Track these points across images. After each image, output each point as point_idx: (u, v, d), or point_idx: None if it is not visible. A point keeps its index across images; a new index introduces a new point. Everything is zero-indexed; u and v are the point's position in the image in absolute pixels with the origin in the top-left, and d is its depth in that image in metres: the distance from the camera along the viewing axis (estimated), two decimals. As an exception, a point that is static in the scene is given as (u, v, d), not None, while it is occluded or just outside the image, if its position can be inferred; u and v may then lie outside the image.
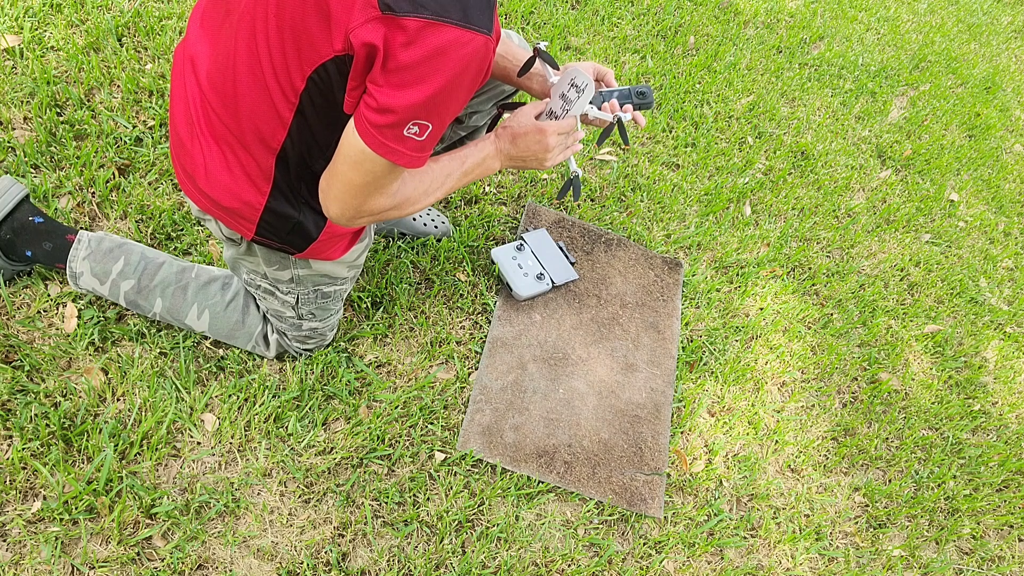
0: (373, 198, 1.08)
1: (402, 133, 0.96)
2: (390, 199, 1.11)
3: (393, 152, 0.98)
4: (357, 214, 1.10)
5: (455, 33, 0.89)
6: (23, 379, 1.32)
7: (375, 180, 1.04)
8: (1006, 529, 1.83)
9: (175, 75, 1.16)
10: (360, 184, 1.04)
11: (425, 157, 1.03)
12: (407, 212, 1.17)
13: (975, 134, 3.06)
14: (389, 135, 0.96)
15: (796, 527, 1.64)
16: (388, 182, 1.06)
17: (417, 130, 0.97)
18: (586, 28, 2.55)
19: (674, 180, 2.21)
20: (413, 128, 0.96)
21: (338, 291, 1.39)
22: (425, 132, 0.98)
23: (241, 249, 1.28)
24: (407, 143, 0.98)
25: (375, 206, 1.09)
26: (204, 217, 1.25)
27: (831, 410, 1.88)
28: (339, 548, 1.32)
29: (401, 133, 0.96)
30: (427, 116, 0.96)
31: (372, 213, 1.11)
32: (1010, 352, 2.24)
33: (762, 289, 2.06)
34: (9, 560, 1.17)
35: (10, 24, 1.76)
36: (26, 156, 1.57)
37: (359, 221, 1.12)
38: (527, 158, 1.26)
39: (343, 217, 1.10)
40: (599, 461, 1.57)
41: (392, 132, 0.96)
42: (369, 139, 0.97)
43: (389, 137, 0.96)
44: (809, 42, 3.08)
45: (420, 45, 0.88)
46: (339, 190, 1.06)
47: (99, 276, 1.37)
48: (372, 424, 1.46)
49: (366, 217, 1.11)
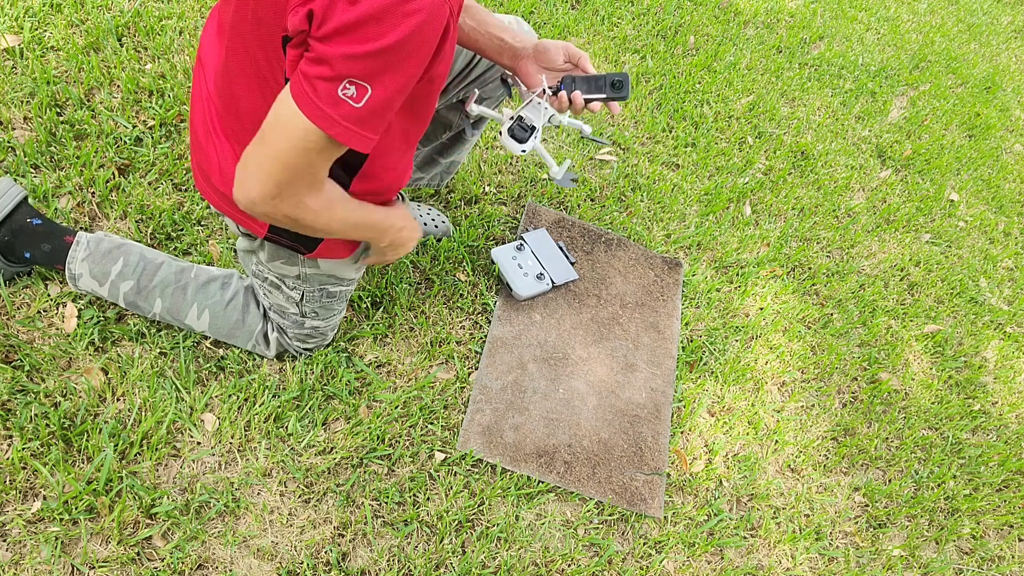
0: (298, 182, 0.95)
1: (336, 92, 0.86)
2: (316, 194, 0.99)
3: (325, 117, 0.87)
4: (277, 197, 0.95)
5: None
6: (23, 379, 1.32)
7: (305, 154, 0.92)
8: (1006, 529, 1.83)
9: (194, 74, 1.16)
10: (286, 157, 0.92)
11: (363, 135, 0.91)
12: (327, 226, 1.06)
13: (975, 134, 3.06)
14: (322, 92, 0.86)
15: (796, 527, 1.64)
16: (319, 163, 0.95)
17: (354, 92, 0.86)
18: (586, 28, 2.55)
19: (674, 180, 2.21)
20: (349, 89, 0.86)
21: (343, 291, 1.39)
22: (363, 97, 0.87)
23: (256, 243, 1.28)
24: (341, 107, 0.87)
25: (298, 196, 0.97)
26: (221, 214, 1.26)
27: (831, 410, 1.88)
28: (339, 548, 1.32)
29: (335, 92, 0.86)
30: (366, 77, 0.86)
31: (293, 206, 0.98)
32: (1010, 352, 2.24)
33: (762, 289, 2.06)
34: (9, 560, 1.17)
35: (10, 24, 1.76)
36: (26, 156, 1.57)
37: (276, 209, 0.98)
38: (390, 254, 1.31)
39: (260, 198, 0.96)
40: (599, 461, 1.57)
41: (325, 88, 0.86)
42: (301, 99, 0.87)
43: (322, 95, 0.86)
44: (809, 42, 3.08)
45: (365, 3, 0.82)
46: (261, 162, 0.94)
47: (98, 277, 1.37)
48: (372, 424, 1.46)
49: (286, 206, 0.97)
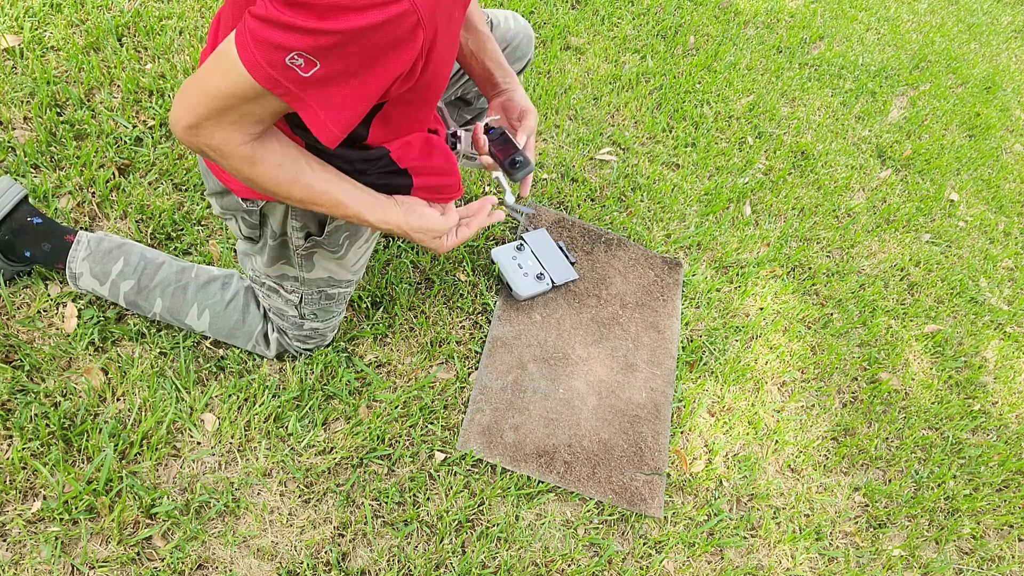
0: (224, 122, 0.89)
1: (284, 61, 0.81)
2: (243, 144, 0.93)
3: (271, 80, 0.83)
4: (194, 128, 0.90)
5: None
6: (23, 379, 1.32)
7: (233, 99, 0.87)
8: (1006, 529, 1.83)
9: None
10: (214, 93, 0.87)
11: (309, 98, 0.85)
12: (250, 177, 0.98)
13: (975, 134, 3.06)
14: (273, 57, 0.81)
15: (796, 527, 1.64)
16: (249, 111, 0.89)
17: (303, 63, 0.81)
18: (586, 28, 2.55)
19: (674, 180, 2.21)
20: (298, 60, 0.81)
21: (342, 293, 1.39)
22: (311, 69, 0.82)
23: (256, 247, 1.28)
24: (289, 74, 0.82)
25: (222, 135, 0.91)
26: (225, 217, 1.26)
27: (831, 410, 1.88)
28: (339, 548, 1.32)
29: (283, 60, 0.81)
30: (320, 54, 0.81)
31: (214, 144, 0.92)
32: (1010, 352, 2.24)
33: (762, 289, 2.06)
34: (9, 560, 1.17)
35: (10, 24, 1.76)
36: (26, 156, 1.57)
37: (194, 141, 0.92)
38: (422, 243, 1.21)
39: (180, 122, 0.90)
40: (599, 461, 1.57)
41: (274, 55, 0.81)
42: (244, 51, 0.82)
43: (273, 61, 0.81)
44: (809, 42, 3.08)
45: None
46: (191, 91, 0.89)
47: (99, 277, 1.37)
48: (372, 424, 1.46)
49: (204, 138, 0.91)
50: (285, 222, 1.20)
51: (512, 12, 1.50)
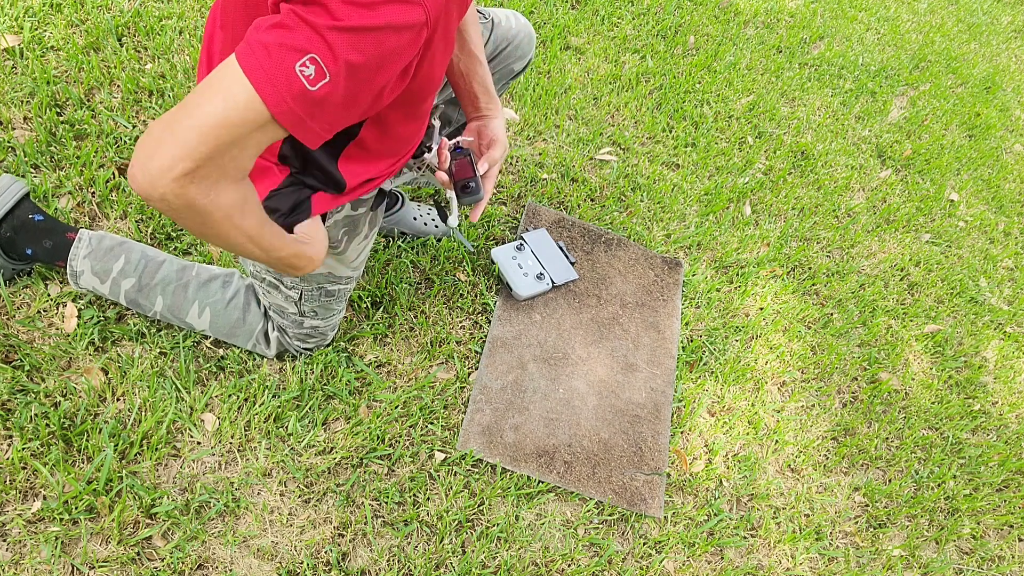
0: (221, 162, 0.78)
1: (293, 66, 0.74)
2: (235, 187, 0.83)
3: (273, 91, 0.75)
4: (190, 175, 0.77)
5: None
6: (23, 379, 1.32)
7: (239, 128, 0.77)
8: (1006, 529, 1.83)
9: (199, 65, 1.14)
10: (215, 126, 0.76)
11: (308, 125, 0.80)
12: (231, 228, 0.87)
13: (975, 134, 3.06)
14: (277, 60, 0.75)
15: (796, 527, 1.64)
16: (250, 145, 0.80)
17: (312, 73, 0.75)
18: (586, 28, 2.55)
19: (674, 180, 2.21)
20: (309, 68, 0.75)
21: (341, 290, 1.39)
22: (319, 82, 0.76)
23: None
24: (294, 84, 0.75)
25: (211, 184, 0.80)
26: None
27: (831, 410, 1.88)
28: (339, 548, 1.32)
29: (292, 65, 0.74)
30: (331, 62, 0.76)
31: (203, 194, 0.80)
32: (1010, 352, 2.24)
33: (762, 289, 2.06)
34: (9, 560, 1.17)
35: (10, 24, 1.76)
36: (26, 156, 1.57)
37: (185, 192, 0.78)
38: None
39: (170, 171, 0.76)
40: (599, 461, 1.57)
41: (283, 57, 0.74)
42: (248, 62, 0.75)
43: (276, 63, 0.74)
44: (809, 42, 3.08)
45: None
46: (178, 130, 0.76)
47: (99, 275, 1.37)
48: (372, 424, 1.46)
49: (194, 190, 0.79)
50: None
51: (513, 11, 1.50)
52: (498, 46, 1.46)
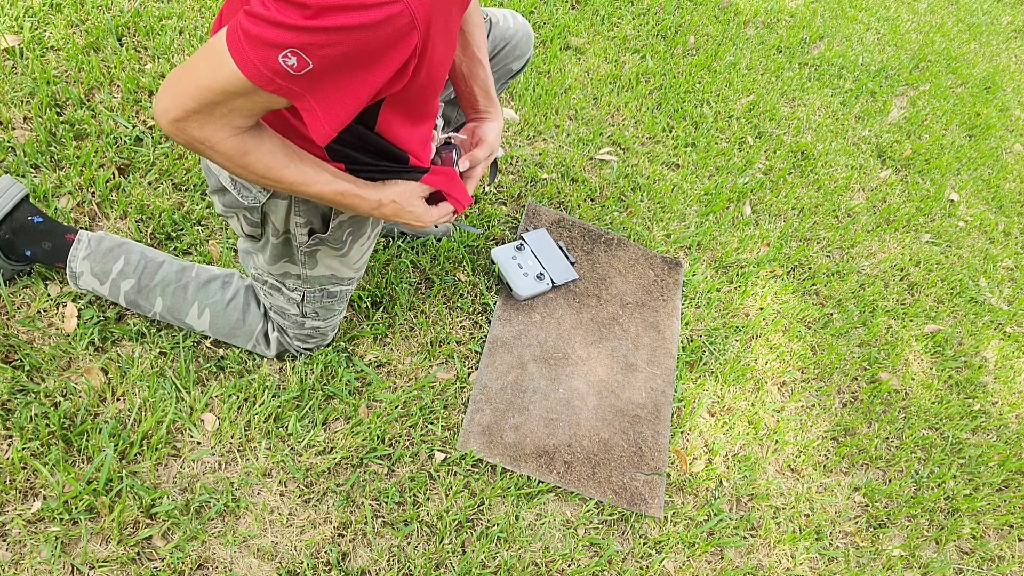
0: (213, 116, 0.89)
1: (276, 58, 0.81)
2: (231, 137, 0.93)
3: (263, 77, 0.82)
4: (181, 121, 0.89)
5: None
6: (23, 379, 1.32)
7: (223, 94, 0.86)
8: (1006, 529, 1.83)
9: None
10: (204, 87, 0.86)
11: (306, 92, 0.85)
12: (243, 174, 0.99)
13: (975, 134, 3.06)
14: (266, 55, 0.81)
15: (796, 527, 1.64)
16: (239, 107, 0.88)
17: (295, 63, 0.81)
18: (586, 28, 2.55)
19: (674, 180, 2.21)
20: (291, 59, 0.81)
21: (343, 291, 1.39)
22: (304, 68, 0.82)
23: (258, 245, 1.28)
24: (281, 71, 0.82)
25: (210, 129, 0.91)
26: (227, 215, 1.26)
27: (831, 410, 1.88)
28: (339, 548, 1.32)
29: (276, 58, 0.81)
30: (312, 53, 0.81)
31: (201, 137, 0.91)
32: (1010, 352, 2.24)
33: (762, 289, 2.06)
34: (9, 560, 1.17)
35: (10, 24, 1.76)
36: (26, 156, 1.57)
37: (180, 132, 0.91)
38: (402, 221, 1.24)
39: (166, 114, 0.89)
40: (599, 461, 1.57)
41: (267, 52, 0.81)
42: (237, 50, 0.82)
43: (265, 58, 0.81)
44: (809, 42, 3.08)
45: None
46: (178, 82, 0.88)
47: (99, 276, 1.37)
48: (372, 424, 1.46)
49: (192, 131, 0.91)
50: (288, 219, 1.20)
51: (511, 11, 1.50)
52: (496, 45, 1.46)
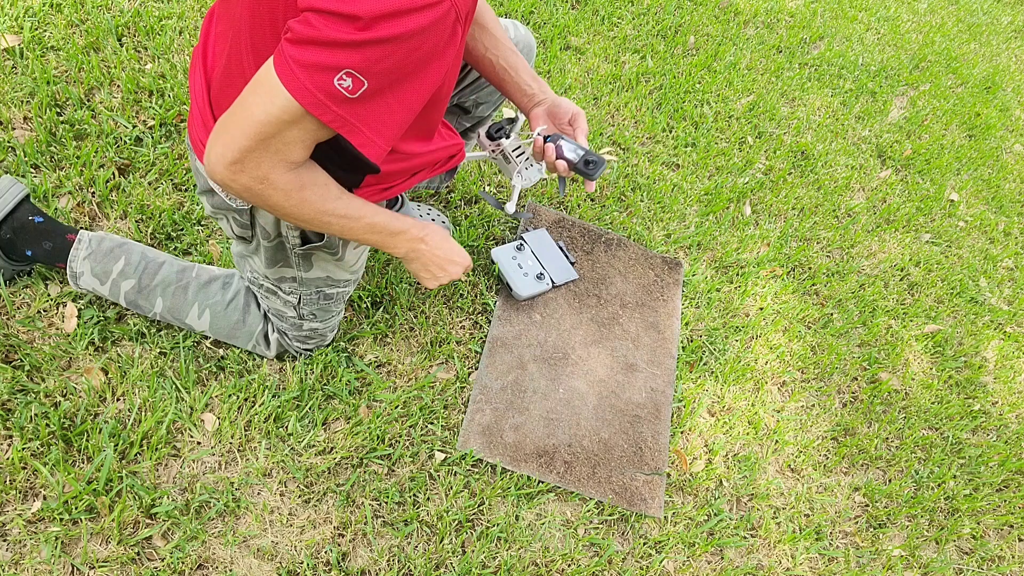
0: (269, 151, 0.88)
1: (332, 82, 0.81)
2: (284, 172, 0.92)
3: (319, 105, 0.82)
4: (240, 163, 0.89)
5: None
6: (23, 379, 1.32)
7: (278, 125, 0.86)
8: (1006, 529, 1.83)
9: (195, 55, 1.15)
10: (258, 121, 0.85)
11: (357, 119, 0.86)
12: (297, 203, 0.97)
13: (975, 134, 3.06)
14: (321, 80, 0.81)
15: (796, 527, 1.64)
16: (294, 139, 0.88)
17: (350, 84, 0.81)
18: (586, 28, 2.55)
19: (674, 180, 2.21)
20: (346, 81, 0.81)
21: (340, 293, 1.39)
22: (359, 89, 0.82)
23: (250, 247, 1.28)
24: (337, 96, 0.83)
25: (262, 169, 0.90)
26: (216, 216, 1.25)
27: (831, 410, 1.88)
28: (339, 548, 1.32)
29: (331, 82, 0.81)
30: (367, 70, 0.81)
31: (260, 175, 0.91)
32: (1010, 352, 2.24)
33: (762, 289, 2.06)
34: (9, 560, 1.17)
35: (10, 24, 1.76)
36: (26, 156, 1.57)
37: (235, 179, 0.91)
38: (421, 270, 1.28)
39: (222, 159, 0.89)
40: (599, 461, 1.57)
41: (322, 77, 0.80)
42: (290, 80, 0.81)
43: (320, 84, 0.81)
44: (809, 42, 3.08)
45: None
46: (230, 126, 0.87)
47: (99, 276, 1.37)
48: (372, 424, 1.46)
49: (246, 177, 0.90)
50: (278, 222, 1.20)
51: (513, 21, 1.51)
52: None
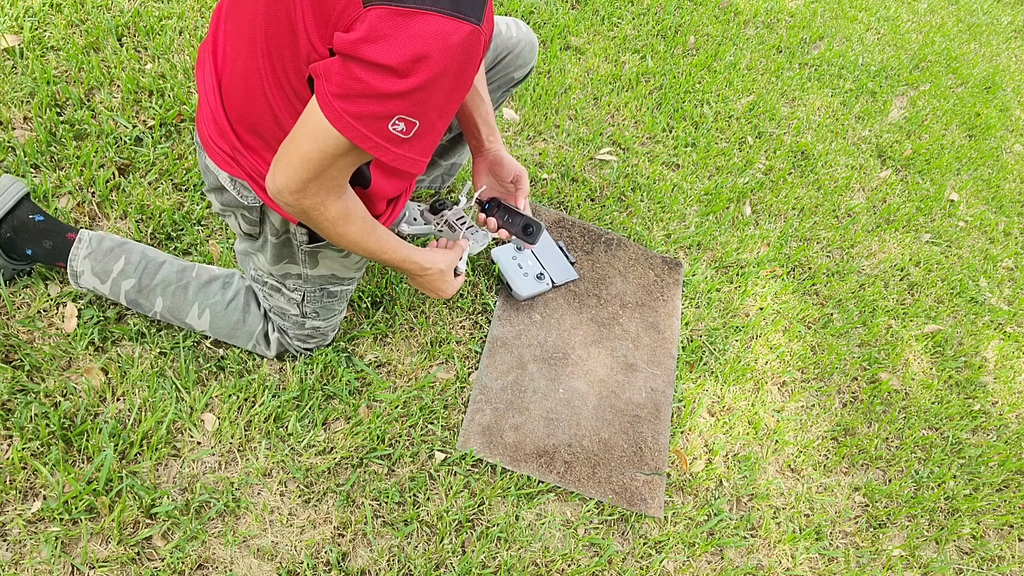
0: (326, 179, 0.98)
1: (387, 128, 0.90)
2: (337, 200, 1.03)
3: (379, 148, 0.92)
4: (301, 192, 0.99)
5: (440, 22, 0.83)
6: (23, 379, 1.32)
7: (331, 159, 0.95)
8: (1006, 529, 1.83)
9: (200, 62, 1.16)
10: (316, 157, 0.95)
11: (409, 151, 0.95)
12: (343, 232, 1.08)
13: (975, 134, 3.06)
14: (377, 128, 0.90)
15: (796, 527, 1.64)
16: (347, 164, 0.98)
17: (403, 127, 0.90)
18: (586, 28, 2.55)
19: (674, 180, 2.21)
20: (399, 125, 0.90)
21: (344, 291, 1.39)
22: (412, 129, 0.91)
23: (256, 244, 1.28)
24: (393, 139, 0.92)
25: (324, 192, 1.00)
26: (224, 213, 1.26)
27: (831, 410, 1.88)
28: (339, 548, 1.32)
29: (386, 128, 0.90)
30: (417, 111, 0.90)
31: (316, 202, 1.01)
32: (1010, 352, 2.24)
33: (762, 289, 2.06)
34: (9, 560, 1.17)
35: (10, 24, 1.76)
36: (26, 156, 1.57)
37: (298, 203, 1.01)
38: (428, 289, 1.37)
39: (286, 189, 0.99)
40: (599, 461, 1.57)
41: (377, 125, 0.89)
42: (346, 128, 0.90)
43: (377, 131, 0.90)
44: (809, 42, 3.08)
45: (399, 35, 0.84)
46: (293, 158, 0.97)
47: (100, 275, 1.37)
48: (372, 424, 1.46)
49: (310, 198, 1.00)
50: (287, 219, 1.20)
51: (515, 19, 1.49)
52: (498, 55, 1.45)
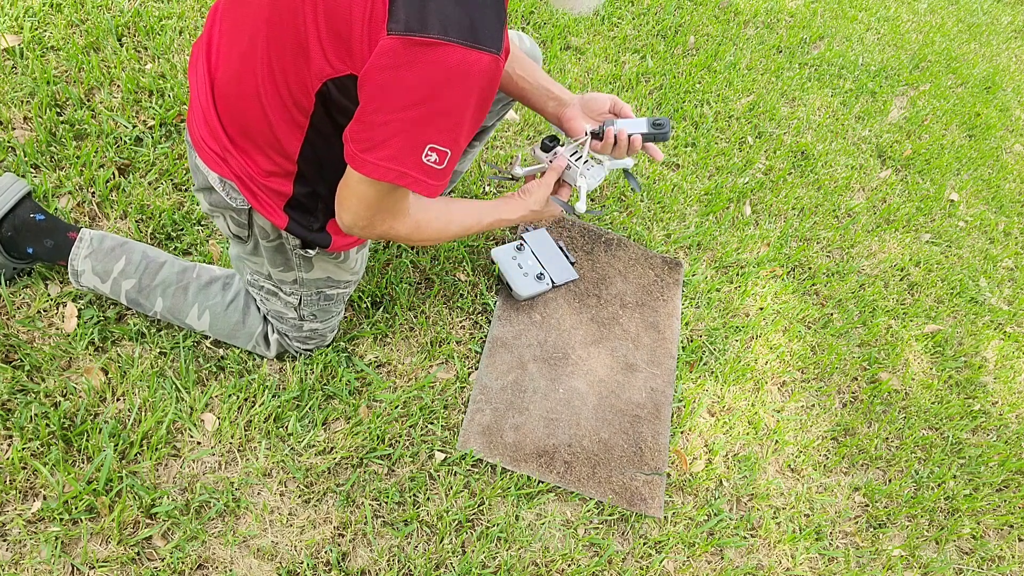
0: (385, 212, 1.08)
1: (420, 160, 0.95)
2: (405, 219, 1.12)
3: (418, 183, 0.98)
4: (369, 225, 1.09)
5: (461, 53, 0.88)
6: (23, 379, 1.32)
7: (387, 197, 1.04)
8: (1006, 529, 1.83)
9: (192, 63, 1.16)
10: (371, 200, 1.04)
11: (442, 183, 1.01)
12: (422, 238, 1.19)
13: (975, 134, 3.06)
14: (409, 163, 0.96)
15: (796, 527, 1.64)
16: (401, 196, 1.07)
17: (436, 158, 0.96)
18: (586, 28, 2.55)
19: (674, 180, 2.21)
20: (432, 156, 0.95)
21: (340, 294, 1.39)
22: (445, 160, 0.97)
23: (247, 248, 1.28)
24: (429, 171, 0.97)
25: (385, 224, 1.10)
26: (213, 214, 1.25)
27: (831, 410, 1.88)
28: (339, 548, 1.32)
29: (420, 160, 0.95)
30: (447, 142, 0.95)
31: (385, 228, 1.11)
32: (1010, 352, 2.24)
33: (762, 289, 2.06)
34: (9, 560, 1.17)
35: (10, 24, 1.76)
36: (26, 156, 1.57)
37: (370, 233, 1.12)
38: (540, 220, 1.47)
39: (355, 226, 1.10)
40: (599, 461, 1.57)
41: (411, 161, 0.95)
42: (384, 175, 0.97)
43: (408, 165, 0.96)
44: (809, 42, 3.08)
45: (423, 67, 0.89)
46: (351, 201, 1.06)
47: (100, 275, 1.37)
48: (372, 424, 1.46)
49: (379, 228, 1.11)
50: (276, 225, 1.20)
51: (519, 32, 1.51)
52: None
